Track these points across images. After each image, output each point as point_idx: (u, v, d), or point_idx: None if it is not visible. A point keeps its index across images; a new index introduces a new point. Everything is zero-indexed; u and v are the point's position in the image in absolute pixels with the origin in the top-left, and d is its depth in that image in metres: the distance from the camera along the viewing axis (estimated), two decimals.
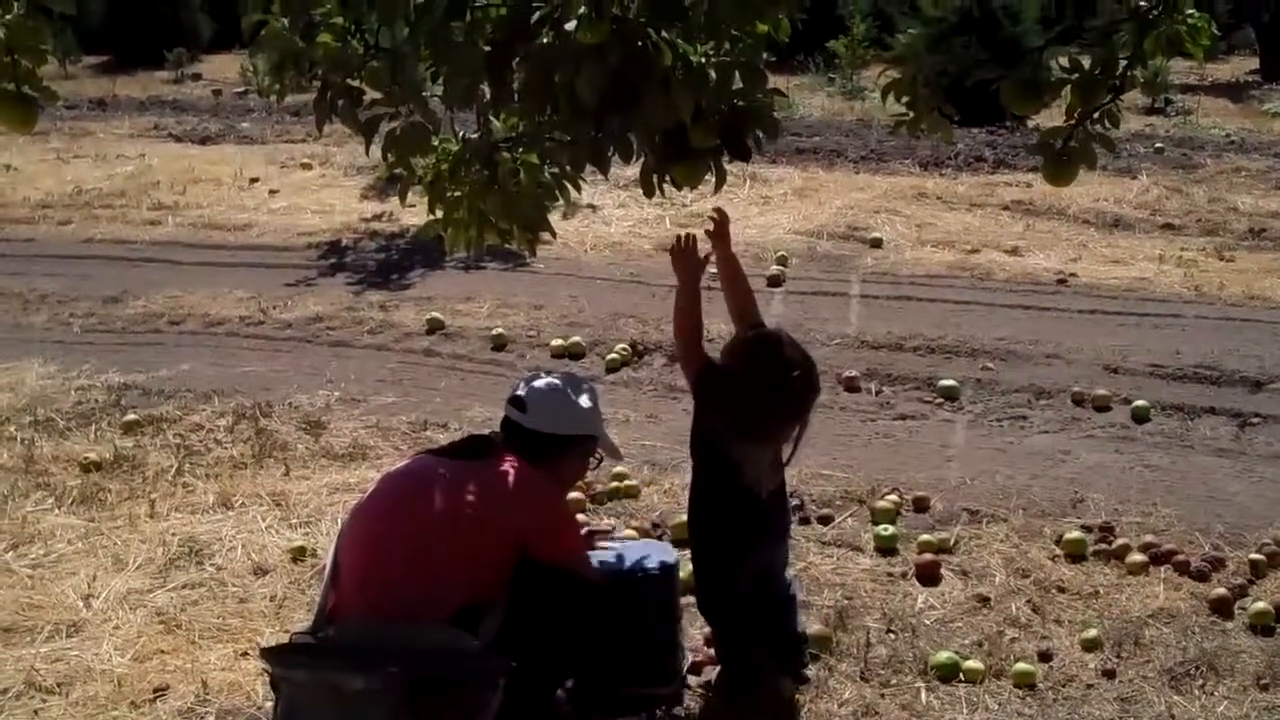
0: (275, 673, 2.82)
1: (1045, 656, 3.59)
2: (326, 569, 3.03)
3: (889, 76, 2.79)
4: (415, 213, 8.05)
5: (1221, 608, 3.83)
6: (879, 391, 5.79)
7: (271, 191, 10.10)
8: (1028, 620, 3.79)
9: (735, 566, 3.24)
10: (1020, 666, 3.50)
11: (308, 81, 2.79)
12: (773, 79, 2.68)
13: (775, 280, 7.34)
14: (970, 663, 3.52)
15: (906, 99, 2.78)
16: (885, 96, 2.82)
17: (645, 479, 4.76)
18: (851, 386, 5.79)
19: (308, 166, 11.02)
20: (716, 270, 3.41)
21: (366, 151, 3.06)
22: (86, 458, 4.95)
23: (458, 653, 2.74)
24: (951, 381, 5.74)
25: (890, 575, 4.07)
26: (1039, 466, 4.95)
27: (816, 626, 3.64)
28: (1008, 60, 2.83)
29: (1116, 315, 6.75)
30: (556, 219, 3.21)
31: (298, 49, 2.72)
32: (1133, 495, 4.65)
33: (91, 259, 8.39)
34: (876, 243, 8.21)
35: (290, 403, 5.64)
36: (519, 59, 2.60)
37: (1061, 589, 3.98)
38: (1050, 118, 7.69)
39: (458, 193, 3.09)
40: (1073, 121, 2.61)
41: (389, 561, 2.87)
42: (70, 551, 4.25)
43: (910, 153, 10.91)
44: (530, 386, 3.15)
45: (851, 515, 4.49)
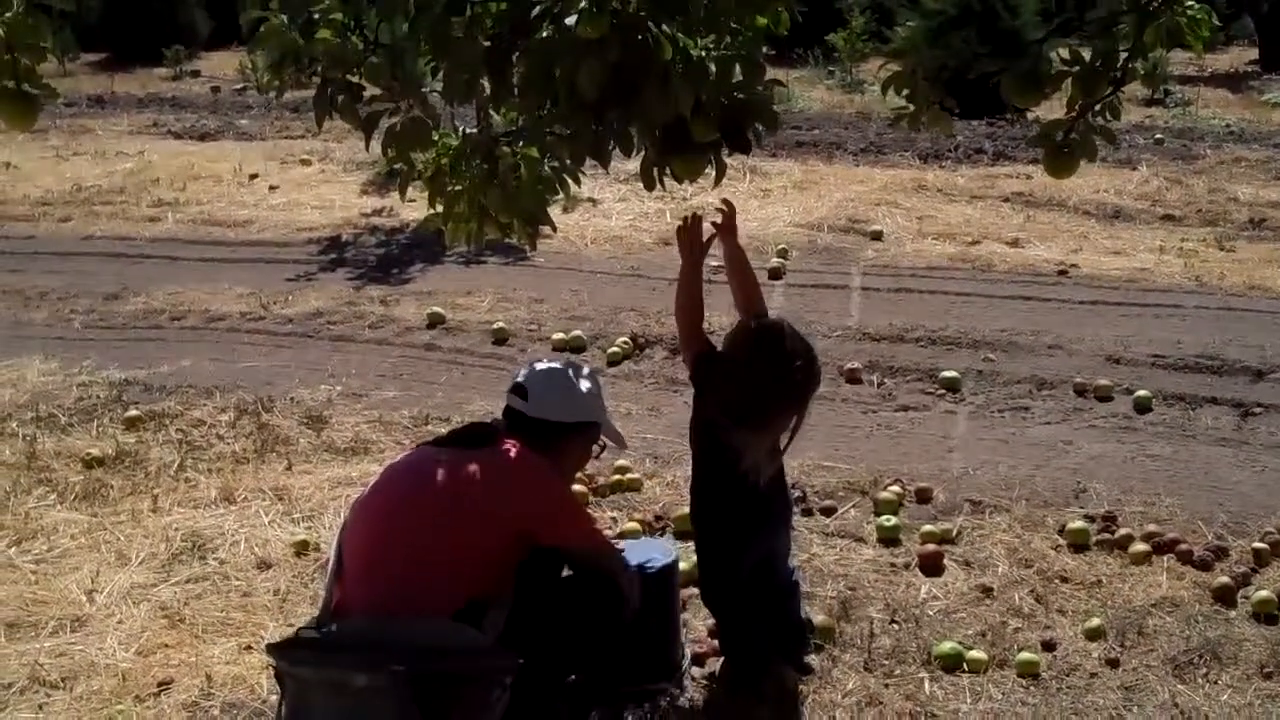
0: (281, 668, 2.82)
1: (1049, 646, 3.60)
2: (330, 563, 3.04)
3: (889, 70, 2.79)
4: (415, 207, 8.13)
5: (1224, 596, 3.84)
6: (881, 383, 5.79)
7: (271, 187, 10.11)
8: (1031, 610, 3.80)
9: (737, 554, 3.24)
10: (1024, 656, 3.51)
11: (307, 77, 2.78)
12: (771, 72, 2.68)
13: (776, 273, 7.34)
14: (974, 653, 3.53)
15: (906, 92, 2.78)
16: (885, 90, 2.81)
17: (647, 471, 4.77)
18: (853, 378, 5.80)
19: (307, 162, 11.02)
20: (723, 262, 3.42)
21: (367, 147, 3.07)
22: (89, 453, 4.96)
23: (463, 648, 2.74)
24: (953, 373, 5.75)
25: (893, 566, 4.08)
26: (1041, 457, 4.96)
27: (820, 617, 3.64)
28: (1008, 53, 2.82)
29: (1118, 306, 6.76)
30: (556, 213, 3.21)
31: (297, 45, 2.72)
32: (1135, 485, 4.66)
33: (92, 256, 8.39)
34: (877, 235, 8.21)
35: (292, 397, 5.65)
36: (519, 53, 2.60)
37: (1064, 579, 3.99)
38: (1049, 110, 7.68)
39: (458, 187, 3.07)
40: (1074, 114, 2.61)
41: (392, 556, 2.87)
42: (73, 547, 4.26)
43: (910, 145, 10.91)
44: (532, 373, 3.13)
45: (854, 506, 4.50)
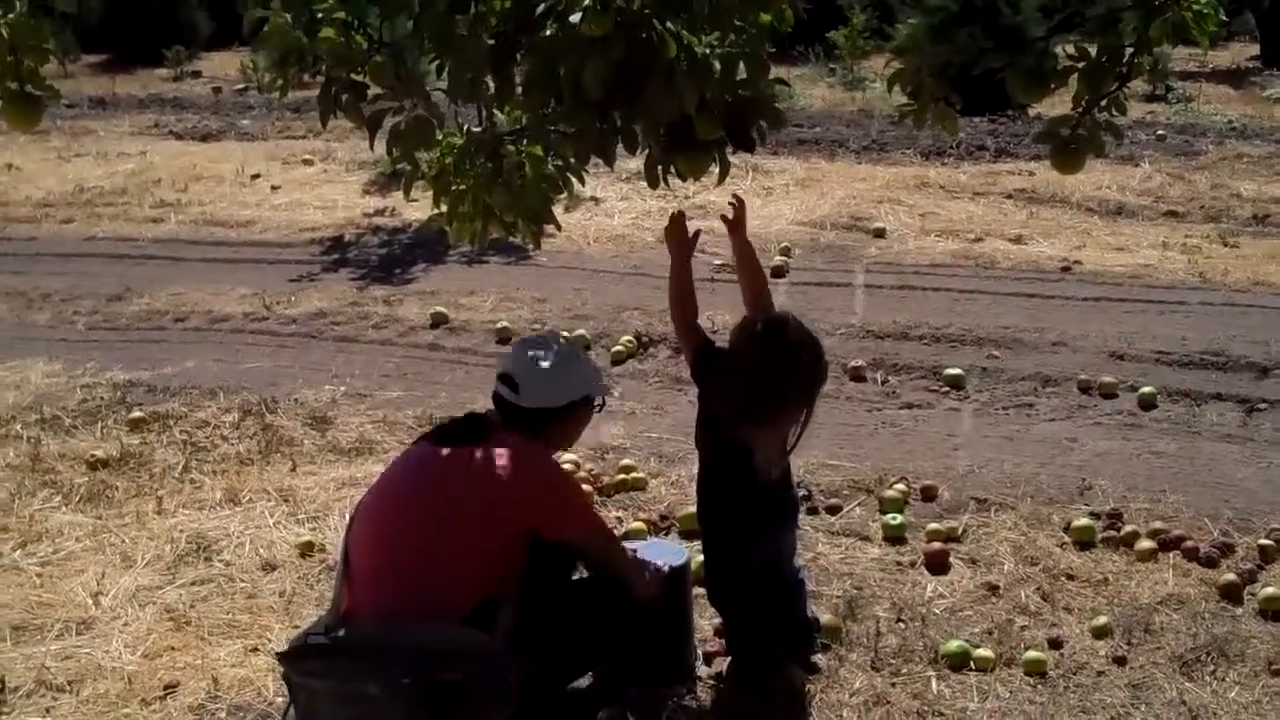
0: (293, 680, 2.83)
1: (1055, 644, 3.59)
2: (338, 566, 3.03)
3: (894, 67, 2.78)
4: (417, 207, 8.13)
5: (1231, 593, 3.83)
6: (885, 381, 5.78)
7: (273, 188, 10.10)
8: (1037, 608, 3.79)
9: (745, 552, 3.23)
10: (1031, 654, 3.50)
11: (311, 77, 2.78)
12: (772, 70, 2.67)
13: (779, 271, 7.32)
14: (981, 651, 3.52)
15: (911, 89, 2.77)
16: (891, 87, 2.81)
17: (652, 471, 4.76)
18: (857, 376, 5.79)
19: (309, 162, 11.01)
20: (732, 256, 3.45)
21: (371, 146, 3.06)
22: (93, 455, 4.96)
23: (473, 653, 2.73)
24: (957, 370, 5.74)
25: (899, 564, 4.08)
26: (1046, 454, 4.95)
27: (826, 616, 3.64)
28: (1011, 49, 2.81)
29: (1121, 302, 6.74)
30: (559, 212, 3.20)
31: (301, 44, 2.71)
32: (1140, 482, 4.65)
33: (94, 257, 8.39)
34: (880, 232, 8.19)
35: (296, 398, 5.65)
36: (523, 51, 2.59)
37: (1071, 576, 3.98)
38: (1051, 106, 7.68)
39: (462, 186, 3.07)
40: (1080, 109, 2.60)
41: (399, 560, 2.86)
42: (78, 549, 4.26)
43: (912, 142, 10.89)
44: (518, 361, 3.06)
45: (859, 505, 4.50)
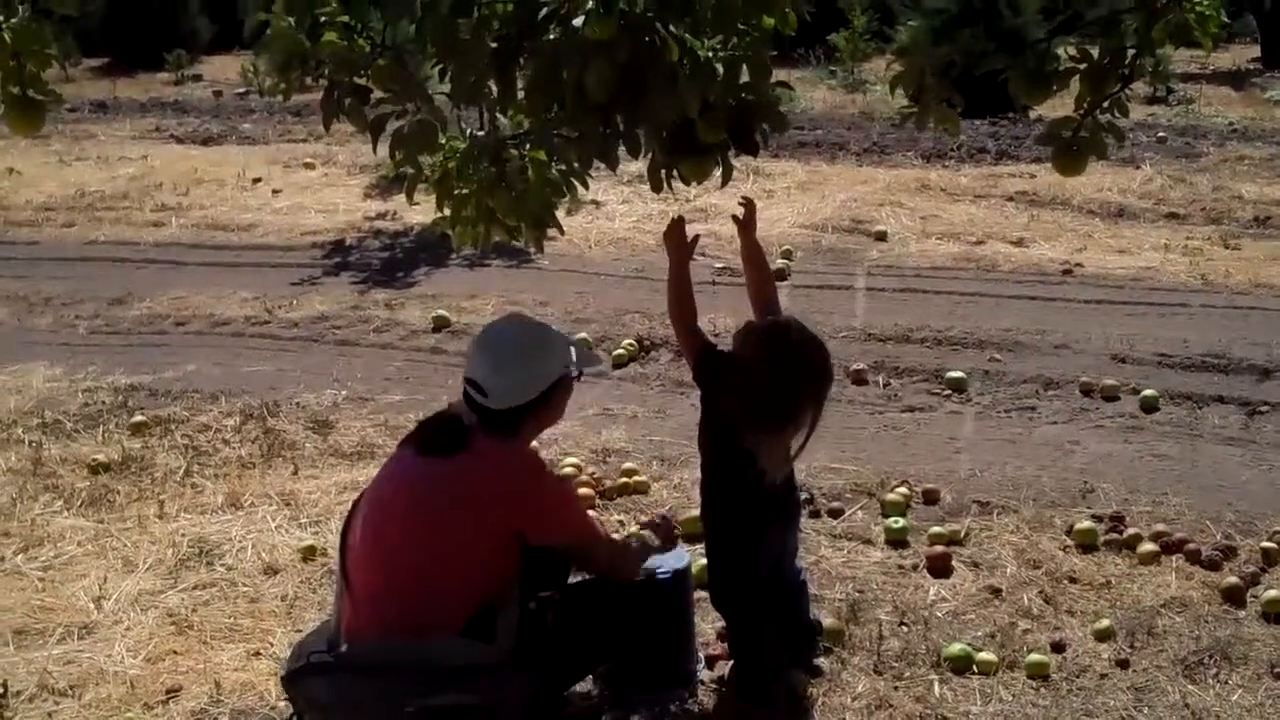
0: (297, 704, 2.83)
1: (1058, 647, 3.59)
2: (337, 579, 3.02)
3: (895, 69, 2.78)
4: (419, 210, 8.11)
5: (1234, 596, 3.82)
6: (887, 384, 5.78)
7: (275, 191, 10.11)
8: (1040, 611, 3.79)
9: (751, 552, 3.22)
10: (1033, 658, 3.50)
11: (314, 80, 2.78)
12: (774, 72, 2.67)
13: (780, 274, 7.31)
14: (983, 654, 3.52)
15: (913, 91, 2.77)
16: (893, 89, 2.81)
17: (654, 474, 4.76)
18: (859, 379, 5.79)
19: (310, 166, 11.02)
20: (740, 256, 3.47)
21: (374, 150, 3.06)
22: (95, 459, 4.96)
23: (476, 668, 2.73)
24: (959, 373, 5.74)
25: (901, 568, 4.07)
26: (1048, 457, 4.94)
27: (829, 620, 3.63)
28: (1013, 51, 2.80)
29: (1123, 305, 6.75)
30: (561, 215, 3.20)
31: (303, 48, 2.71)
32: (1143, 485, 4.64)
33: (95, 261, 8.40)
34: (881, 235, 8.20)
35: (297, 402, 5.65)
36: (526, 55, 2.59)
37: (1073, 579, 3.97)
38: (1053, 108, 7.66)
39: (465, 190, 3.07)
40: (1081, 112, 2.60)
41: (395, 576, 2.84)
42: (80, 553, 4.25)
43: (913, 145, 10.90)
44: (479, 366, 2.91)
45: (861, 508, 4.49)
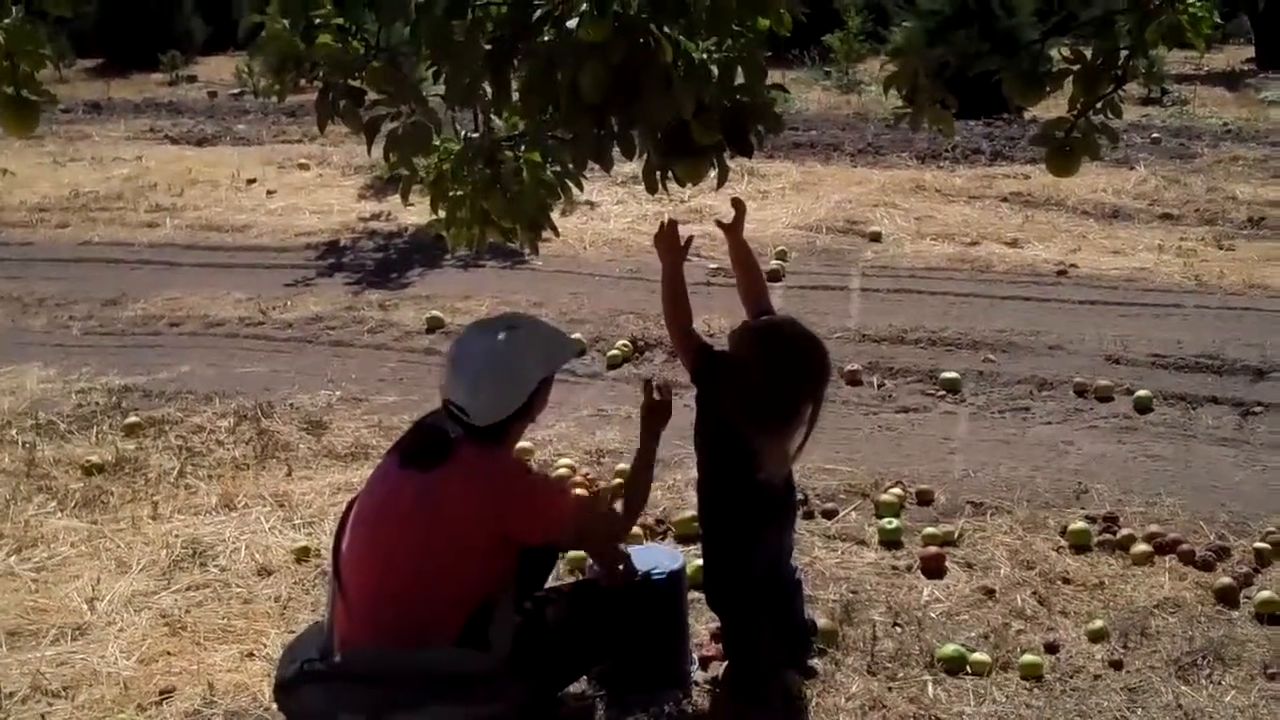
0: (291, 713, 2.83)
1: (1052, 648, 3.59)
2: (329, 585, 3.02)
3: (890, 70, 2.79)
4: (413, 211, 8.11)
5: (1227, 597, 3.83)
6: (881, 385, 5.78)
7: (269, 192, 10.10)
8: (1033, 612, 3.79)
9: (749, 551, 3.22)
10: (1027, 658, 3.50)
11: (309, 82, 2.77)
12: (768, 74, 2.67)
13: (775, 275, 7.32)
14: (977, 655, 3.52)
15: (907, 92, 2.77)
16: (887, 89, 2.81)
17: None
18: (853, 380, 5.79)
19: (305, 167, 11.01)
20: (730, 259, 3.44)
21: (369, 151, 3.05)
22: (88, 461, 4.95)
23: (471, 676, 2.73)
24: (953, 374, 5.74)
25: (895, 568, 4.07)
26: (1042, 458, 4.95)
27: (822, 620, 3.63)
28: (1007, 52, 2.80)
29: (1117, 306, 6.76)
30: (555, 216, 3.20)
31: (298, 50, 2.71)
32: (1136, 485, 4.65)
33: (89, 262, 8.38)
34: (876, 236, 8.21)
35: (291, 403, 5.64)
36: (520, 57, 2.59)
37: (1067, 580, 3.98)
38: (1047, 109, 7.68)
39: (460, 192, 3.08)
40: (1075, 112, 2.60)
41: (387, 588, 2.83)
42: (74, 555, 4.25)
43: (907, 146, 10.91)
44: (458, 387, 2.87)
45: (855, 509, 4.49)
